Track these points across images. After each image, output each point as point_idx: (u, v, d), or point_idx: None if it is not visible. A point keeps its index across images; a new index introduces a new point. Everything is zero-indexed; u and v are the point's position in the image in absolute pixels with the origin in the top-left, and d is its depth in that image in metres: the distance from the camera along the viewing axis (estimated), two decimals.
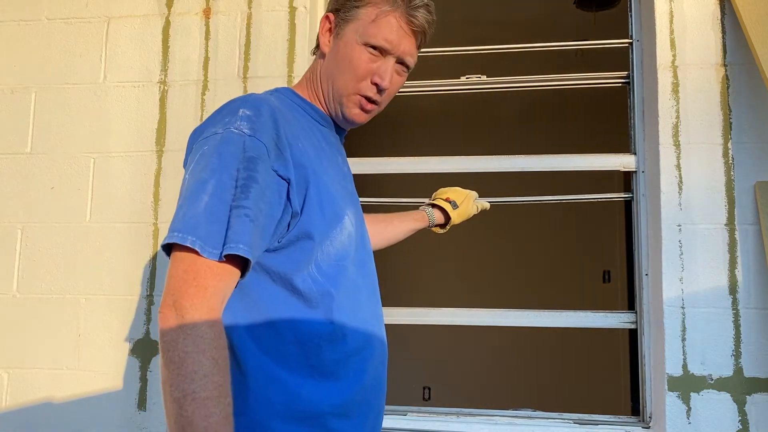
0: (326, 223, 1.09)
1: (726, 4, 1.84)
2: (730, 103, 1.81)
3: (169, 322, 0.94)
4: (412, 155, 2.09)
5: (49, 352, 1.99)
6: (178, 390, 0.93)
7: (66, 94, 2.11)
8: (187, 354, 0.92)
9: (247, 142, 1.02)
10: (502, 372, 4.64)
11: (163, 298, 0.97)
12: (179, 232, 0.96)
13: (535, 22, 3.29)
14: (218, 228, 0.96)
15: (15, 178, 2.09)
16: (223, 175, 0.99)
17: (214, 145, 1.02)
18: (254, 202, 0.99)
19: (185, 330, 0.93)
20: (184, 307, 0.95)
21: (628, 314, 1.91)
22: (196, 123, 2.03)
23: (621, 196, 2.04)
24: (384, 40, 1.15)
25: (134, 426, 1.93)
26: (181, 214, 0.98)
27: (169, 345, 0.93)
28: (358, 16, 1.16)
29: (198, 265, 0.96)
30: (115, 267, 2.00)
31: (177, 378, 0.92)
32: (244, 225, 0.97)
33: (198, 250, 0.95)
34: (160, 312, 0.96)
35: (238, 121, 1.04)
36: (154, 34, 2.10)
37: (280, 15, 2.04)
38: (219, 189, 0.98)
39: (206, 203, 0.97)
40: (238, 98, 1.11)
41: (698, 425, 1.70)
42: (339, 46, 1.18)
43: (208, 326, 0.94)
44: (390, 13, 1.15)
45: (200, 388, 0.92)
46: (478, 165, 2.05)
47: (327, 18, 1.20)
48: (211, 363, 0.92)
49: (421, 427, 1.86)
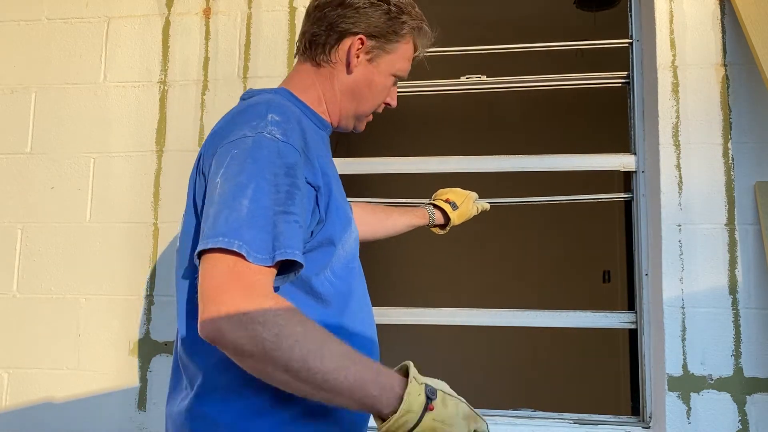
0: (342, 228, 1.12)
1: (726, 4, 1.84)
2: (730, 103, 1.81)
3: (241, 328, 0.90)
4: (412, 155, 2.09)
5: (49, 352, 1.99)
6: (319, 375, 0.91)
7: (66, 94, 2.11)
8: (299, 348, 0.91)
9: (282, 147, 1.02)
10: (501, 372, 4.64)
11: (220, 308, 0.91)
12: (224, 236, 0.94)
13: (535, 22, 3.29)
14: (261, 233, 0.95)
15: (15, 178, 2.09)
16: (261, 180, 0.98)
17: (246, 149, 1.01)
18: (299, 208, 1.00)
19: (280, 337, 0.91)
20: (257, 319, 0.91)
21: (628, 314, 1.91)
22: (197, 123, 2.03)
23: (621, 196, 2.04)
24: (406, 72, 1.27)
25: (134, 426, 1.93)
26: (222, 218, 0.96)
27: (274, 355, 0.90)
28: (397, 50, 1.23)
29: (247, 270, 0.93)
30: (115, 267, 2.00)
31: (310, 371, 0.91)
32: (294, 231, 0.98)
33: (244, 255, 0.93)
34: (231, 332, 0.90)
35: (269, 125, 1.04)
36: (154, 34, 2.10)
37: (280, 15, 2.04)
38: (260, 194, 0.97)
39: (248, 208, 0.96)
40: (261, 101, 1.11)
41: (698, 425, 1.70)
42: (373, 72, 1.23)
43: (287, 316, 0.93)
44: (417, 50, 1.26)
45: (329, 362, 0.92)
46: (478, 165, 2.05)
47: (362, 41, 1.20)
48: (317, 338, 0.93)
49: None
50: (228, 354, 0.95)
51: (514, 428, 1.83)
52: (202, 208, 1.06)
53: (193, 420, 1.08)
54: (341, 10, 1.19)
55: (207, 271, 0.95)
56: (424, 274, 4.83)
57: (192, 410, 1.08)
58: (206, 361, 1.07)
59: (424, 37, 1.26)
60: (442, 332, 4.53)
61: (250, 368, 0.95)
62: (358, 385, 0.93)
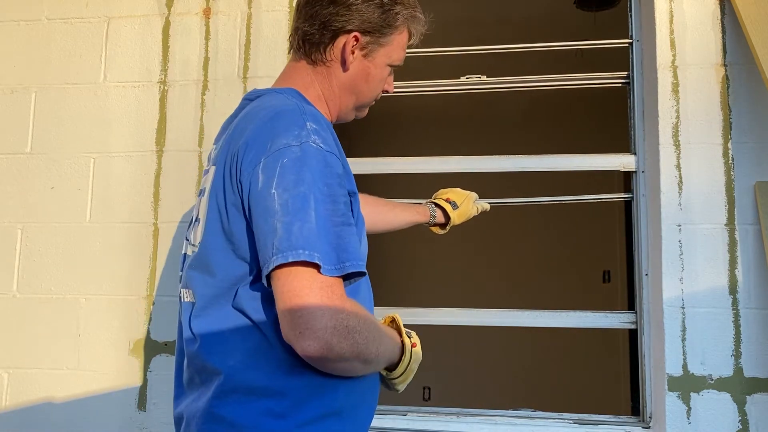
0: (361, 230, 1.15)
1: (726, 4, 1.84)
2: (730, 103, 1.81)
3: (344, 341, 0.99)
4: (413, 155, 2.09)
5: (49, 352, 1.99)
6: (381, 357, 1.11)
7: (66, 94, 2.11)
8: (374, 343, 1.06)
9: (328, 157, 1.05)
10: (502, 372, 4.64)
11: (326, 324, 0.97)
12: (303, 249, 0.97)
13: (535, 22, 3.29)
14: (329, 244, 0.99)
15: (15, 178, 2.09)
16: (317, 192, 1.01)
17: (297, 159, 1.02)
18: (355, 218, 1.07)
19: (368, 340, 1.03)
20: (355, 329, 1.00)
21: (628, 314, 1.91)
22: (196, 123, 2.03)
23: (621, 196, 2.04)
24: (401, 60, 1.27)
25: (134, 426, 1.93)
26: (295, 231, 0.98)
27: (362, 355, 1.04)
28: (392, 42, 1.23)
29: (333, 282, 0.99)
30: (115, 267, 2.00)
31: (378, 358, 1.10)
32: (357, 243, 1.03)
33: (321, 265, 0.97)
34: (327, 336, 0.97)
35: (312, 134, 1.05)
36: (154, 34, 2.10)
37: (280, 15, 2.04)
38: (320, 205, 1.00)
39: (315, 219, 0.99)
40: (293, 107, 1.10)
41: (698, 425, 1.70)
42: (369, 67, 1.23)
43: (366, 320, 1.04)
44: (413, 38, 1.27)
45: (383, 345, 1.11)
46: (478, 165, 2.05)
47: (356, 38, 1.20)
48: (379, 331, 1.10)
49: (421, 427, 1.86)
50: (325, 363, 1.01)
51: (514, 428, 1.83)
52: (236, 220, 1.07)
53: (212, 422, 1.07)
54: (333, 8, 1.18)
55: (296, 288, 0.97)
56: (422, 274, 4.84)
57: (210, 412, 1.07)
58: (225, 363, 1.08)
59: (419, 24, 1.25)
60: (441, 332, 4.53)
61: (334, 369, 1.04)
62: (391, 352, 1.15)
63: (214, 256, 1.10)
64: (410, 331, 1.25)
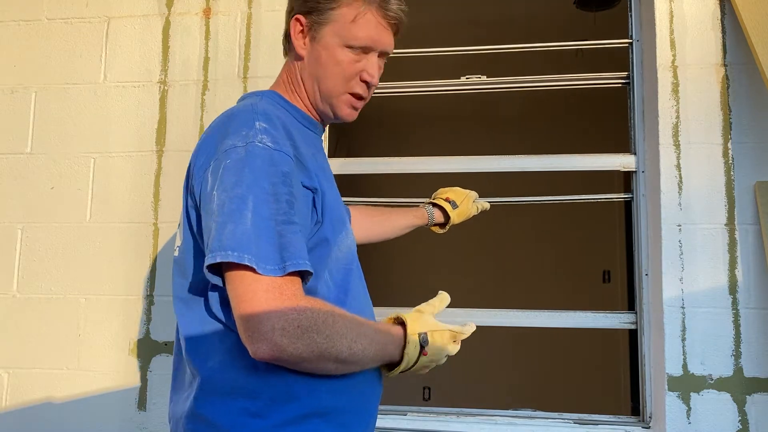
0: (335, 230, 1.11)
1: (726, 4, 1.84)
2: (730, 103, 1.81)
3: (298, 341, 0.96)
4: (413, 155, 2.09)
5: (49, 352, 1.99)
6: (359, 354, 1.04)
7: (66, 94, 2.11)
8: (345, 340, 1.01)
9: (275, 156, 1.02)
10: (502, 372, 4.64)
11: (274, 326, 0.95)
12: (233, 250, 0.95)
13: (535, 22, 3.29)
14: (269, 245, 0.96)
15: (15, 178, 2.09)
16: (259, 191, 0.98)
17: (239, 159, 1.01)
18: (300, 217, 1.01)
19: (331, 337, 0.99)
20: (310, 328, 0.97)
21: (628, 315, 1.91)
22: (196, 123, 2.03)
23: (621, 196, 2.04)
24: (367, 39, 1.15)
25: (134, 426, 1.93)
26: (227, 232, 0.96)
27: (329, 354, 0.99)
28: (334, 18, 1.15)
29: (274, 281, 0.96)
30: (115, 267, 2.00)
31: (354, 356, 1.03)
32: (300, 241, 0.99)
33: (254, 267, 0.94)
34: (275, 337, 0.95)
35: (259, 134, 1.03)
36: (154, 34, 2.10)
37: (280, 15, 2.02)
38: (260, 205, 0.97)
39: (251, 220, 0.96)
40: (246, 108, 1.10)
41: (698, 425, 1.70)
42: (318, 49, 1.16)
43: (330, 316, 1.00)
44: (366, 11, 1.14)
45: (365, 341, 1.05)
46: (478, 165, 2.05)
47: (297, 20, 1.17)
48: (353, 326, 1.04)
49: (421, 427, 1.86)
50: (286, 365, 0.99)
51: (514, 428, 1.83)
52: (197, 222, 1.07)
53: (195, 421, 1.08)
54: None
55: (241, 292, 0.96)
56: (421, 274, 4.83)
57: (193, 412, 1.08)
58: (204, 364, 1.08)
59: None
60: None
61: (304, 369, 1.01)
62: (382, 350, 1.10)
63: (188, 257, 1.12)
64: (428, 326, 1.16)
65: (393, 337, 1.12)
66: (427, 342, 1.13)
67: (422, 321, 1.16)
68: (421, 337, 1.13)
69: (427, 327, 1.15)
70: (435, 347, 1.15)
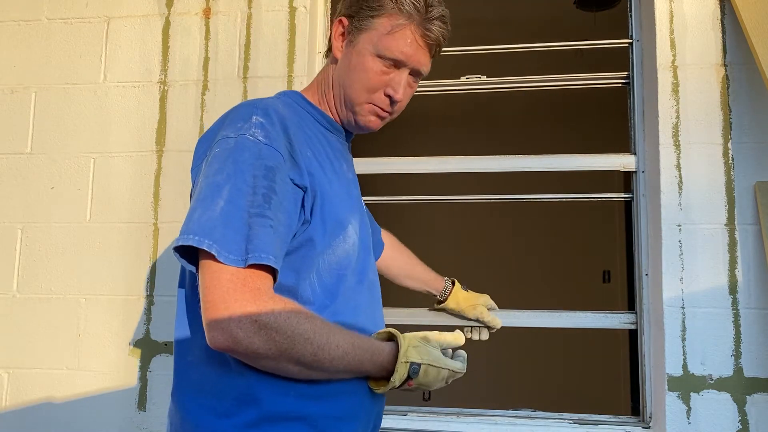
0: (327, 233, 1.09)
1: (726, 4, 1.84)
2: (730, 103, 1.81)
3: (255, 336, 0.94)
4: (413, 155, 2.09)
5: (49, 352, 1.99)
6: (326, 363, 1.01)
7: (66, 94, 2.11)
8: (310, 345, 0.98)
9: (263, 150, 1.01)
10: (502, 372, 4.64)
11: (231, 316, 0.93)
12: (195, 234, 0.95)
13: (535, 22, 3.29)
14: (237, 234, 0.95)
15: (15, 178, 2.09)
16: (238, 181, 0.98)
17: (227, 150, 1.01)
18: (275, 212, 0.99)
19: (292, 338, 0.96)
20: (270, 325, 0.95)
21: (628, 315, 1.91)
22: (197, 123, 2.03)
23: (621, 196, 2.04)
24: (399, 53, 1.13)
25: (134, 426, 1.93)
26: (195, 217, 0.96)
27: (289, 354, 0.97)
28: (373, 26, 1.13)
29: (249, 275, 0.94)
30: (115, 267, 2.00)
31: (319, 362, 1.00)
32: (268, 235, 0.97)
33: (214, 254, 0.94)
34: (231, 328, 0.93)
35: (252, 128, 1.03)
36: (154, 34, 2.10)
37: (280, 15, 2.04)
38: (235, 195, 0.97)
39: (222, 208, 0.96)
40: (247, 103, 1.10)
41: (698, 425, 1.70)
42: (352, 54, 1.16)
43: (295, 316, 0.97)
44: (406, 25, 1.13)
45: (335, 352, 1.01)
46: (478, 165, 2.05)
47: (340, 22, 1.17)
48: (323, 333, 1.00)
49: (421, 427, 1.86)
50: (242, 359, 0.98)
51: (514, 428, 1.83)
52: None
53: (173, 415, 1.10)
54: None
55: (207, 279, 0.95)
56: None
57: (172, 406, 1.11)
58: (183, 358, 1.10)
59: (412, 12, 1.12)
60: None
61: (264, 367, 0.99)
62: (356, 366, 1.05)
63: None
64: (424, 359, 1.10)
65: (375, 356, 1.07)
66: (417, 374, 1.09)
67: (423, 350, 1.11)
68: (411, 368, 1.08)
69: (426, 358, 1.10)
70: (423, 381, 1.10)
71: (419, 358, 1.09)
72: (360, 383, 1.12)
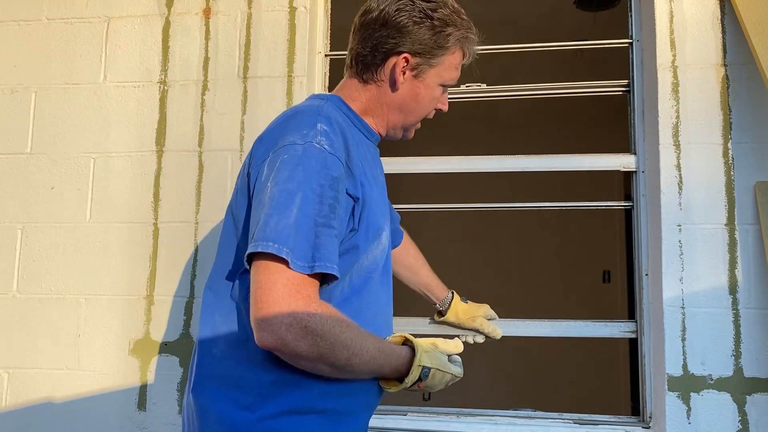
0: (368, 239, 1.16)
1: (726, 4, 1.84)
2: (730, 103, 1.81)
3: (302, 340, 1.00)
4: (413, 155, 2.09)
5: (49, 352, 1.99)
6: (355, 367, 1.08)
7: (66, 94, 2.11)
8: (346, 351, 1.05)
9: (329, 159, 1.07)
10: (502, 372, 4.64)
11: (283, 320, 0.99)
12: (274, 242, 1.00)
13: (535, 22, 3.29)
14: (305, 242, 1.02)
15: (15, 178, 2.09)
16: (308, 190, 1.04)
17: (296, 156, 1.06)
18: (339, 222, 1.07)
19: (334, 345, 1.03)
20: (316, 331, 1.01)
21: (628, 323, 1.91)
22: (197, 123, 2.03)
23: (621, 204, 2.04)
24: (457, 78, 1.28)
25: (134, 426, 1.93)
26: (272, 224, 1.02)
27: (326, 358, 1.04)
28: (443, 62, 1.24)
29: (302, 281, 1.01)
30: (115, 267, 2.00)
31: (349, 366, 1.07)
32: (333, 245, 1.04)
33: (289, 261, 1.00)
34: (281, 330, 1.00)
35: (318, 135, 1.09)
36: (154, 34, 2.10)
37: (280, 15, 2.04)
38: (306, 203, 1.03)
39: (296, 216, 1.02)
40: (308, 109, 1.16)
41: (698, 425, 1.70)
42: (419, 87, 1.25)
43: (338, 325, 1.04)
44: (462, 54, 1.27)
45: (363, 357, 1.08)
46: (479, 165, 2.05)
47: (406, 59, 1.23)
48: (358, 340, 1.07)
49: (421, 427, 1.86)
50: (284, 358, 1.04)
51: (514, 428, 1.83)
52: (245, 208, 1.13)
53: (186, 410, 1.17)
54: (385, 31, 1.21)
55: (262, 280, 1.01)
56: None
57: (188, 398, 1.16)
58: (208, 351, 1.15)
59: (471, 44, 1.26)
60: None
61: (301, 366, 1.06)
62: (378, 369, 1.13)
63: (223, 240, 1.19)
64: (433, 363, 1.21)
65: (394, 360, 1.16)
66: (427, 377, 1.18)
67: (433, 356, 1.20)
68: (423, 371, 1.17)
69: (435, 363, 1.20)
70: (429, 383, 1.20)
71: (430, 363, 1.18)
72: (373, 382, 1.19)
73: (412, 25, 1.20)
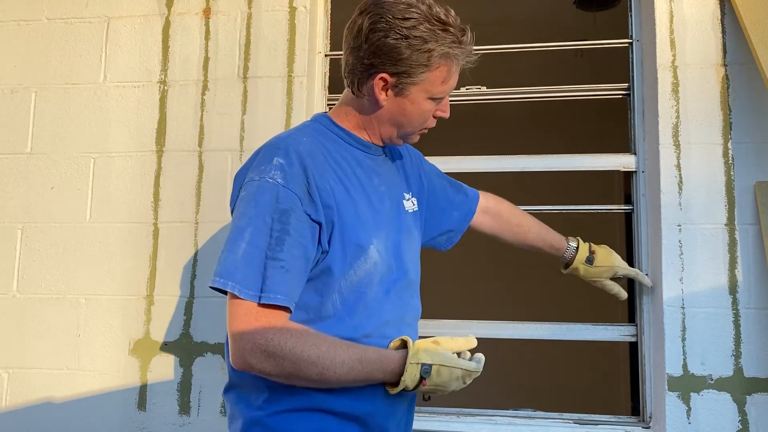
0: (346, 258, 1.18)
1: (726, 4, 1.84)
2: (730, 103, 1.81)
3: (265, 362, 1.09)
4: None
5: (49, 352, 1.99)
6: (333, 380, 1.13)
7: (66, 94, 2.11)
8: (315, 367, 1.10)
9: (281, 192, 1.12)
10: (502, 372, 4.63)
11: (245, 346, 1.09)
12: (220, 277, 1.10)
13: (535, 22, 3.29)
14: (256, 273, 1.10)
15: (15, 178, 2.09)
16: (259, 223, 1.11)
17: (251, 193, 1.14)
18: (288, 252, 1.11)
19: (298, 363, 1.10)
20: (277, 353, 1.09)
21: (628, 327, 1.91)
22: (196, 123, 2.03)
23: (621, 208, 2.04)
24: (450, 89, 1.26)
25: (134, 426, 1.93)
26: (222, 259, 1.12)
27: (297, 375, 1.11)
28: (424, 79, 1.20)
29: (253, 306, 1.09)
30: (115, 267, 2.00)
31: (327, 380, 1.12)
32: (280, 276, 1.10)
33: (237, 294, 1.08)
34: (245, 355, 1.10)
35: (272, 170, 1.14)
36: (154, 34, 2.10)
37: (280, 15, 2.04)
38: (255, 236, 1.11)
39: (244, 250, 1.10)
40: (272, 143, 1.21)
41: (698, 425, 1.70)
42: (404, 102, 1.23)
43: (302, 343, 1.10)
44: (452, 66, 1.22)
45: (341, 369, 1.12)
46: (479, 165, 2.05)
47: (383, 79, 1.20)
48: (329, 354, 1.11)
49: (421, 427, 1.86)
50: (260, 375, 1.13)
51: (514, 428, 1.83)
52: None
53: (226, 408, 1.30)
54: (366, 46, 1.19)
55: (230, 311, 1.11)
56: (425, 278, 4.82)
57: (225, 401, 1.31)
58: (227, 362, 1.24)
59: (462, 54, 1.21)
60: None
61: (277, 380, 1.14)
62: (365, 377, 1.16)
63: None
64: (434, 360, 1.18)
65: (385, 364, 1.17)
66: (429, 374, 1.17)
67: (433, 352, 1.19)
68: (422, 368, 1.17)
69: (437, 360, 1.18)
70: (437, 381, 1.18)
71: (430, 360, 1.18)
72: (376, 386, 1.21)
73: (389, 45, 1.16)
